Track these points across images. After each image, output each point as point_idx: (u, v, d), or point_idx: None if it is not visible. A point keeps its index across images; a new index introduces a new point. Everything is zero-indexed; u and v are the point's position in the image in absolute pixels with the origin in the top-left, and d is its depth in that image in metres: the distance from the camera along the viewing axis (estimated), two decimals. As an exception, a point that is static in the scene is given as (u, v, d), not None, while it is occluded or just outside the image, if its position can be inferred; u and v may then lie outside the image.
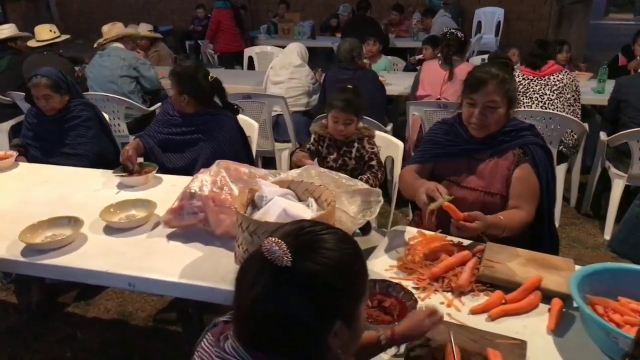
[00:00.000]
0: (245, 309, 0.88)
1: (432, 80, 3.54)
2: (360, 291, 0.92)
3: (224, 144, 2.60)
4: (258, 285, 0.86)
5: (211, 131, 2.61)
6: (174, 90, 2.57)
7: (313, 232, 0.91)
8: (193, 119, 2.63)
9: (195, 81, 2.58)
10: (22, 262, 1.73)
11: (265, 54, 5.96)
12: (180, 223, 1.84)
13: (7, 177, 2.39)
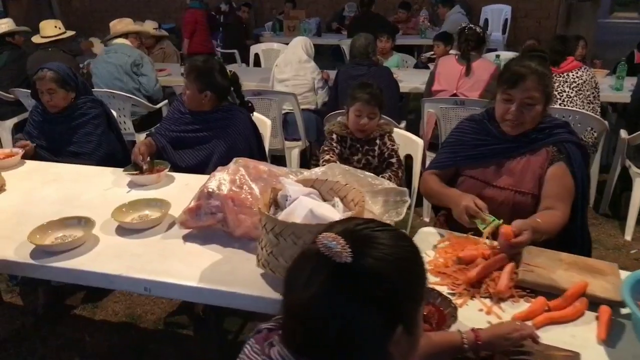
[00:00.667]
0: (298, 311, 0.80)
1: (448, 75, 3.45)
2: (420, 293, 0.85)
3: (238, 141, 2.52)
4: (314, 285, 0.78)
5: (224, 128, 2.52)
6: (193, 88, 2.47)
7: (369, 227, 0.84)
8: (205, 116, 2.54)
9: (216, 77, 2.50)
10: (32, 265, 1.64)
11: (272, 51, 5.86)
12: (197, 224, 1.75)
13: (13, 176, 2.30)
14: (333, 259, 0.77)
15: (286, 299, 0.83)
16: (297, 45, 4.07)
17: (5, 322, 2.62)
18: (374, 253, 0.79)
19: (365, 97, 2.36)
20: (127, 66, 4.08)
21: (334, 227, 0.84)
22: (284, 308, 0.83)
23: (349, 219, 0.90)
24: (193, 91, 2.47)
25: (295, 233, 1.35)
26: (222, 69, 2.58)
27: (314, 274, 0.79)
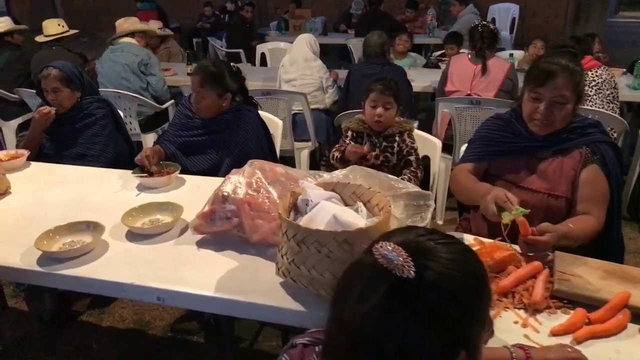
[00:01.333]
0: (348, 329, 0.72)
1: (461, 75, 3.37)
2: (485, 315, 0.77)
3: (249, 142, 2.43)
4: (369, 301, 0.71)
5: (235, 129, 2.44)
6: (211, 95, 2.35)
7: (432, 239, 0.76)
8: (214, 118, 2.44)
9: (227, 76, 2.41)
10: (38, 273, 1.57)
11: (278, 51, 5.79)
12: (211, 229, 1.67)
13: (18, 178, 2.23)
14: (393, 272, 0.70)
15: (334, 314, 0.75)
16: (302, 43, 3.98)
17: (11, 328, 2.55)
18: (439, 268, 0.72)
19: (380, 87, 2.31)
20: (134, 65, 4.01)
21: (391, 236, 0.77)
22: (331, 324, 0.75)
23: (407, 228, 0.82)
24: (212, 98, 2.36)
25: (319, 240, 1.28)
26: (230, 67, 2.49)
27: (369, 288, 0.72)
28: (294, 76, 3.89)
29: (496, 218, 1.51)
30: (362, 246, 1.28)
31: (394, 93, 2.32)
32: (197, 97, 2.40)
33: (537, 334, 1.24)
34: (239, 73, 2.53)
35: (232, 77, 2.45)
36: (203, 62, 2.47)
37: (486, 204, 1.54)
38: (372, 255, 0.73)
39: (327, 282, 1.31)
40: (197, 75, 2.37)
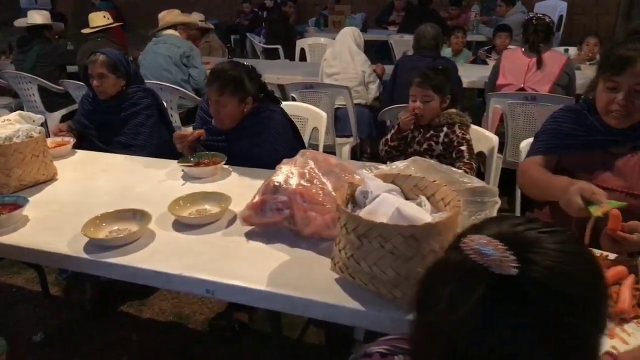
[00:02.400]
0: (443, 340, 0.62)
1: (514, 68, 3.22)
2: (603, 315, 0.66)
3: (277, 142, 2.23)
4: (463, 306, 0.60)
5: (260, 134, 2.23)
6: (232, 102, 2.17)
7: (533, 228, 0.65)
8: (238, 126, 2.25)
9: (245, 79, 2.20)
10: (85, 260, 1.52)
11: (318, 46, 5.72)
12: (261, 220, 1.60)
13: (64, 165, 2.21)
14: (490, 269, 0.59)
15: (421, 321, 0.65)
16: (346, 36, 3.88)
17: (52, 316, 2.55)
18: (546, 261, 0.61)
19: (417, 79, 2.25)
20: (177, 57, 4.00)
21: (482, 228, 0.66)
22: (419, 333, 0.65)
23: (500, 218, 0.71)
24: (233, 106, 2.17)
25: (383, 235, 1.18)
26: (248, 68, 2.27)
27: (461, 291, 0.61)
28: (337, 70, 3.80)
29: (582, 212, 1.37)
30: (430, 242, 1.19)
31: (434, 85, 2.25)
32: (216, 107, 2.19)
33: (625, 346, 1.11)
34: (254, 70, 2.31)
35: (250, 78, 2.23)
36: (219, 67, 2.24)
37: (569, 197, 1.41)
38: (460, 252, 0.62)
39: (389, 280, 1.21)
40: (214, 82, 2.15)
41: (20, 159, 1.94)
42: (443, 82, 2.26)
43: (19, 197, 1.80)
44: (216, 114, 2.21)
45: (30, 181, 1.99)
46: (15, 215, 1.71)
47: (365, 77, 3.79)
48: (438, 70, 2.30)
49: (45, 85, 4.45)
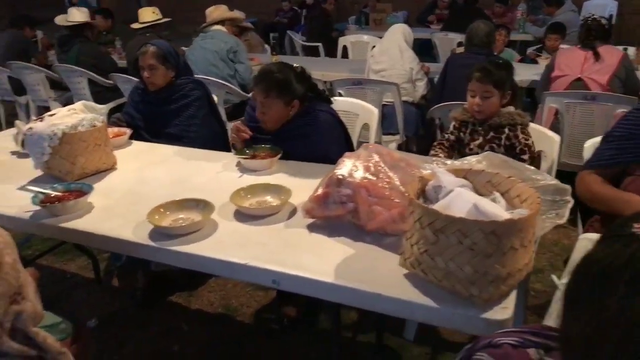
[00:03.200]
0: (611, 331, 0.60)
1: (569, 61, 3.12)
2: None
3: (325, 145, 2.17)
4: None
5: (309, 136, 2.18)
6: (277, 104, 2.14)
7: None
8: (285, 128, 2.21)
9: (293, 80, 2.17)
10: (151, 247, 1.54)
11: (361, 43, 5.69)
12: (323, 213, 1.58)
13: (122, 155, 2.24)
14: None
15: (584, 313, 0.62)
16: (396, 33, 3.85)
17: (105, 302, 2.60)
18: None
19: (477, 74, 2.19)
20: (223, 52, 4.03)
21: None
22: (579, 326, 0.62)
23: None
24: (278, 108, 2.14)
25: (462, 230, 1.15)
26: (295, 69, 2.24)
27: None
28: (384, 66, 3.76)
29: None
30: (511, 239, 1.15)
31: (495, 80, 2.18)
32: (262, 109, 2.17)
33: None
34: (304, 73, 2.26)
35: (298, 80, 2.19)
36: (265, 69, 2.22)
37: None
38: (630, 239, 0.58)
39: (466, 277, 1.18)
40: (260, 84, 2.14)
41: (84, 147, 1.99)
42: (504, 78, 2.19)
43: (84, 185, 1.84)
44: (261, 115, 2.19)
45: (92, 169, 2.04)
46: (81, 202, 1.75)
47: (413, 75, 3.74)
48: (499, 65, 2.23)
49: (94, 79, 4.56)
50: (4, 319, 1.27)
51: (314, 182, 1.79)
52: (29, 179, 2.02)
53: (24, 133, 2.05)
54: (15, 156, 2.29)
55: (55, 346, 1.36)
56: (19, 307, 1.29)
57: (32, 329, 1.31)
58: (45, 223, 1.70)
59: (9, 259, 1.29)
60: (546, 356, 0.71)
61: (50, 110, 2.13)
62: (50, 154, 1.94)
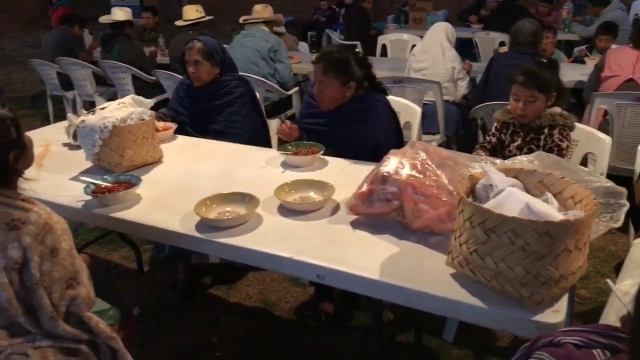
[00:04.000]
0: None
1: (621, 61, 3.02)
2: None
3: (378, 132, 2.25)
4: None
5: (364, 121, 2.24)
6: (334, 84, 2.21)
7: None
8: (340, 109, 2.29)
9: (353, 64, 2.23)
10: (199, 239, 1.57)
11: (401, 42, 5.65)
12: (368, 210, 1.58)
13: (168, 149, 2.29)
14: None
15: None
16: (439, 31, 3.81)
17: (146, 293, 2.67)
18: None
19: (521, 78, 2.13)
20: (264, 51, 4.07)
21: None
22: None
23: None
24: (335, 87, 2.21)
25: (515, 230, 1.12)
26: (356, 54, 2.31)
27: None
28: (425, 65, 3.72)
29: None
30: (565, 241, 1.12)
31: (539, 84, 2.11)
32: (319, 87, 2.25)
33: None
34: (364, 60, 2.33)
35: (358, 64, 2.26)
36: (327, 49, 2.34)
37: None
38: None
39: (517, 278, 1.16)
40: (320, 62, 2.23)
41: (132, 140, 2.04)
42: (549, 79, 2.13)
43: (132, 176, 1.89)
44: (319, 93, 2.27)
45: (140, 162, 2.09)
46: (130, 193, 1.80)
47: (454, 74, 3.69)
48: (544, 66, 2.16)
49: (138, 75, 4.68)
50: (59, 302, 1.33)
51: (356, 179, 1.80)
52: (80, 169, 2.09)
53: (77, 125, 2.13)
54: (67, 148, 2.38)
55: (106, 331, 1.41)
56: (74, 291, 1.35)
57: (86, 314, 1.36)
58: (96, 213, 1.75)
59: (66, 245, 1.34)
60: (613, 358, 0.69)
61: (95, 105, 2.19)
62: (100, 146, 2.01)
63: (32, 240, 1.26)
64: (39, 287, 1.27)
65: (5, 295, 1.26)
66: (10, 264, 1.25)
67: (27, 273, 1.27)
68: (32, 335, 1.33)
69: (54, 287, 1.30)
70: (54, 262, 1.30)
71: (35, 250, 1.27)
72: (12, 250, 1.25)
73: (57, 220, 1.35)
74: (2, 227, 1.26)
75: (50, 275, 1.30)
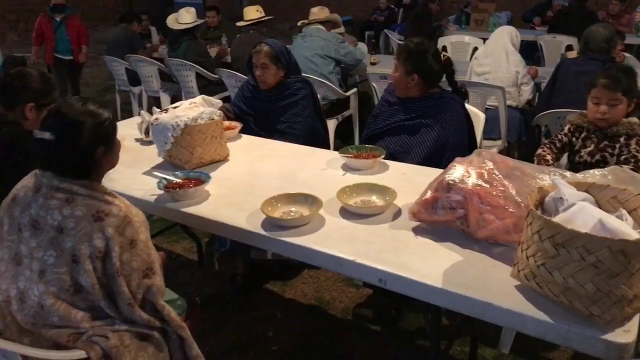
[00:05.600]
0: None
1: None
2: None
3: (449, 131, 2.31)
4: None
5: (435, 117, 2.33)
6: (402, 70, 2.33)
7: None
8: (413, 103, 2.38)
9: (427, 59, 2.33)
10: (264, 236, 1.63)
11: (462, 44, 5.56)
12: (431, 217, 1.59)
13: (234, 148, 2.37)
14: None
15: None
16: (503, 35, 3.73)
17: (206, 285, 2.78)
18: None
19: (604, 81, 2.09)
20: (324, 50, 4.13)
21: None
22: None
23: None
24: (401, 73, 2.33)
25: (586, 247, 1.11)
26: (437, 52, 2.40)
27: None
28: (488, 69, 3.65)
29: None
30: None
31: (623, 88, 2.08)
32: (394, 71, 2.38)
33: None
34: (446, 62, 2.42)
35: (434, 62, 2.35)
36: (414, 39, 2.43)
37: None
38: None
39: (587, 295, 1.14)
40: (399, 47, 2.39)
41: (202, 138, 2.13)
42: (632, 85, 2.10)
43: (202, 173, 1.98)
44: (391, 77, 2.41)
45: (208, 160, 2.18)
46: (200, 190, 1.88)
47: (518, 78, 3.60)
48: (627, 71, 2.12)
49: (202, 73, 4.85)
50: (136, 290, 1.42)
51: (417, 185, 1.81)
52: (151, 164, 2.21)
53: (150, 122, 2.25)
54: (138, 143, 2.51)
55: (177, 320, 1.50)
56: (150, 281, 1.44)
57: (160, 302, 1.45)
58: (168, 207, 1.85)
59: (143, 236, 1.43)
60: None
61: (160, 101, 2.30)
62: (172, 143, 2.11)
63: (114, 231, 1.36)
64: (119, 276, 1.37)
65: (89, 281, 1.36)
66: (94, 252, 1.35)
67: (109, 262, 1.37)
68: (111, 319, 1.43)
69: (132, 276, 1.39)
70: (132, 252, 1.39)
71: (116, 240, 1.36)
72: (96, 240, 1.35)
73: (136, 213, 1.44)
74: (89, 218, 1.36)
75: (129, 265, 1.39)
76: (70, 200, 1.37)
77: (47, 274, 1.37)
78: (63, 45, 5.61)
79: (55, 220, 1.36)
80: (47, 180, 1.41)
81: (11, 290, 1.41)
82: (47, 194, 1.39)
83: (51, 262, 1.37)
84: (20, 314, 1.40)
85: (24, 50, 8.14)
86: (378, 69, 4.53)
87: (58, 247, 1.36)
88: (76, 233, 1.35)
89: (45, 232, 1.37)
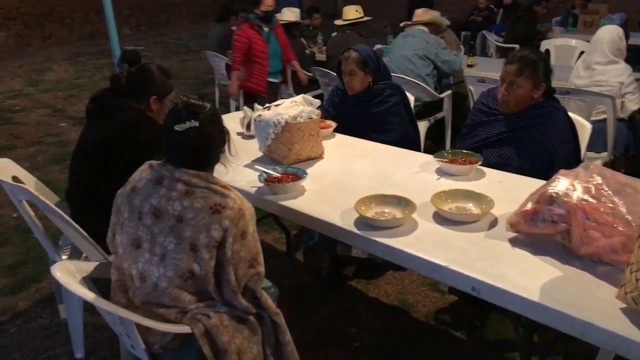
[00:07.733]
0: None
1: None
2: None
3: (554, 141, 2.24)
4: None
5: (540, 127, 2.26)
6: (526, 85, 2.23)
7: None
8: (517, 114, 2.31)
9: (548, 65, 2.28)
10: (357, 235, 1.68)
11: (567, 48, 5.26)
12: (530, 229, 1.55)
13: (328, 146, 2.44)
14: None
15: None
16: (602, 41, 3.30)
17: (292, 275, 2.88)
18: None
19: None
20: (424, 51, 4.08)
21: None
22: None
23: None
24: (527, 89, 2.24)
25: None
26: (546, 59, 2.34)
27: None
28: (584, 82, 3.33)
29: None
30: None
31: None
32: (508, 88, 2.27)
33: None
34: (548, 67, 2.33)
35: (545, 68, 2.28)
36: (520, 51, 2.33)
37: None
38: None
39: None
40: (514, 63, 2.25)
41: (300, 136, 2.22)
42: None
43: (299, 169, 2.07)
44: (505, 95, 2.29)
45: (304, 156, 2.27)
46: (297, 185, 1.97)
47: (621, 89, 3.30)
48: None
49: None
50: (242, 279, 1.52)
51: (515, 194, 1.77)
52: (252, 158, 2.34)
53: (252, 118, 2.38)
54: (240, 137, 2.65)
55: (273, 307, 1.58)
56: (254, 270, 1.53)
57: (259, 290, 1.54)
58: (267, 199, 1.96)
59: (251, 228, 1.53)
60: None
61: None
62: (273, 139, 2.22)
63: (230, 223, 1.45)
64: (229, 265, 1.47)
65: (205, 269, 1.46)
66: (211, 242, 1.45)
67: (222, 251, 1.46)
68: (213, 301, 1.54)
69: (239, 265, 1.49)
70: (242, 243, 1.49)
71: (231, 232, 1.46)
72: (214, 230, 1.45)
73: (247, 206, 1.54)
74: (207, 211, 1.46)
75: (238, 255, 1.49)
76: (190, 193, 1.47)
77: (167, 259, 1.48)
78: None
79: (175, 210, 1.47)
80: (168, 172, 1.52)
81: (132, 269, 1.55)
82: (169, 186, 1.50)
83: (171, 248, 1.48)
84: (139, 291, 1.53)
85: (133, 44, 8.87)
86: (475, 71, 4.42)
87: (178, 235, 1.47)
88: (195, 224, 1.45)
89: (166, 220, 1.48)
